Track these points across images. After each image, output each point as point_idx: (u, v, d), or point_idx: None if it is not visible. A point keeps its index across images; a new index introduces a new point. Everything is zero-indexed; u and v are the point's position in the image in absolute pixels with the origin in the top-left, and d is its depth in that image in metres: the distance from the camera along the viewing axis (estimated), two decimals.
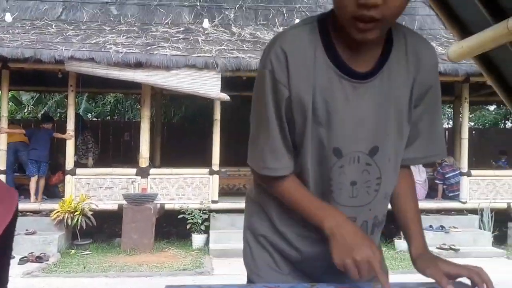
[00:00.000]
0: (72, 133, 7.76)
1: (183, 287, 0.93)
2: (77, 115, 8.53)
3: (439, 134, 1.07)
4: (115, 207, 7.67)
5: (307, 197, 1.02)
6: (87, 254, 7.06)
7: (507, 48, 1.61)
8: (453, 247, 7.15)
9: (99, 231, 7.93)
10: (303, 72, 0.96)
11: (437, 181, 8.41)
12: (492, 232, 7.79)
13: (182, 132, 11.48)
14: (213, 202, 7.98)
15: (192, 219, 7.54)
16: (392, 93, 0.99)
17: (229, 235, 7.38)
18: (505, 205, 8.40)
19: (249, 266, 1.16)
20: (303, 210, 1.01)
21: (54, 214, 7.20)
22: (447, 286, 0.90)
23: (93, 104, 13.83)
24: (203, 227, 7.57)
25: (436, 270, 0.93)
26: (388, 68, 0.98)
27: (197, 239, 7.57)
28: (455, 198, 8.31)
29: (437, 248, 6.98)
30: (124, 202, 7.42)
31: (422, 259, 1.00)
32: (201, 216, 7.57)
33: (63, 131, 7.83)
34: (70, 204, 7.21)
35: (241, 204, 7.82)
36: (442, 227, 7.63)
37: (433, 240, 7.04)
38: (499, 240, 8.13)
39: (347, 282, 0.99)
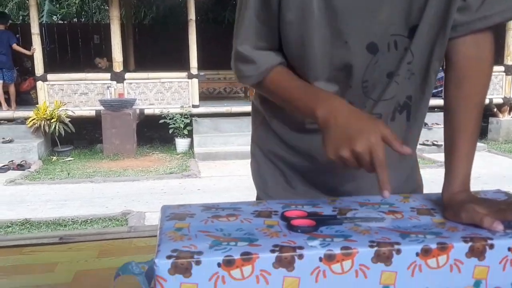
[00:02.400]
0: (36, 48, 7.23)
1: (183, 207, 0.74)
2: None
3: None
4: (93, 113, 7.45)
5: (296, 85, 0.79)
6: (69, 160, 6.96)
7: None
8: (435, 143, 7.27)
9: (79, 137, 7.78)
10: None
11: None
12: None
13: (155, 34, 10.90)
14: (194, 106, 7.80)
15: (174, 123, 7.40)
16: None
17: (213, 138, 7.32)
18: (487, 101, 8.43)
19: (258, 184, 0.99)
20: (293, 102, 0.78)
21: (30, 121, 6.97)
22: (493, 225, 0.64)
23: (57, 5, 12.91)
24: (186, 132, 7.45)
25: (474, 213, 0.67)
26: None
27: (181, 143, 7.50)
28: (438, 94, 8.25)
29: (420, 144, 7.05)
30: (102, 108, 7.20)
31: (455, 202, 0.72)
32: (183, 121, 7.42)
33: (28, 35, 7.28)
34: (45, 111, 6.97)
35: (222, 108, 7.86)
36: (425, 124, 7.65)
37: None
38: (480, 134, 8.27)
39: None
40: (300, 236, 0.62)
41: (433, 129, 7.57)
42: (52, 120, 6.93)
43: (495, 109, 8.63)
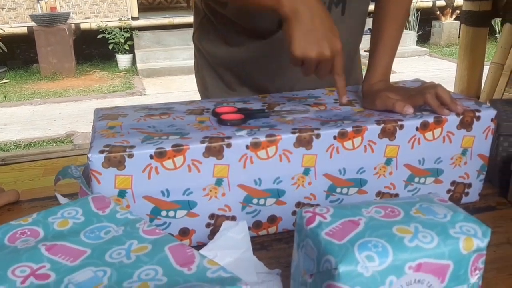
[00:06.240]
0: None
1: (116, 108, 0.76)
2: None
3: None
4: (25, 30, 6.96)
5: None
6: (4, 82, 6.60)
7: None
8: None
9: (12, 57, 7.32)
10: None
11: None
12: (417, 32, 8.06)
13: None
14: (133, 19, 7.42)
15: (113, 38, 7.06)
16: None
17: (156, 53, 7.09)
18: (430, 4, 8.53)
19: (199, 85, 1.02)
20: None
21: None
22: (404, 109, 0.69)
23: None
24: (126, 47, 7.16)
25: (387, 99, 0.71)
26: None
27: (123, 60, 7.23)
28: None
29: (365, 51, 7.16)
30: (34, 24, 6.72)
31: (372, 91, 0.76)
32: (122, 35, 7.09)
33: None
34: None
35: (164, 20, 7.53)
36: (370, 29, 7.72)
37: (361, 44, 7.15)
38: (423, 39, 8.48)
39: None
40: (229, 128, 0.66)
41: None
42: None
43: (438, 12, 8.79)
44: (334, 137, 0.65)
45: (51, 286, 0.37)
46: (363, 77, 0.83)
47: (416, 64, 6.89)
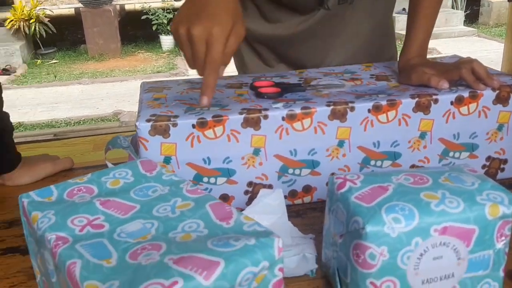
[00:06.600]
0: None
1: (160, 82, 0.80)
2: None
3: None
4: (72, 11, 7.19)
5: None
6: (54, 63, 6.87)
7: None
8: None
9: (61, 38, 7.58)
10: None
11: None
12: (465, 11, 7.75)
13: None
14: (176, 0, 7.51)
15: (156, 19, 7.18)
16: None
17: None
18: None
19: (237, 63, 1.06)
20: None
21: (8, 22, 6.74)
22: (440, 84, 0.70)
23: None
24: (169, 28, 7.27)
25: (423, 74, 0.72)
26: None
27: (166, 41, 7.35)
28: None
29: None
30: (81, 5, 6.94)
31: (408, 66, 0.77)
32: (165, 16, 7.20)
33: None
34: (22, 11, 6.71)
35: None
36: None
37: (405, 23, 6.97)
38: (471, 19, 8.14)
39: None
40: (266, 101, 0.69)
41: None
42: (31, 21, 6.71)
43: None
44: (369, 110, 0.67)
45: (105, 234, 0.42)
46: (402, 50, 0.83)
47: (463, 44, 6.65)
